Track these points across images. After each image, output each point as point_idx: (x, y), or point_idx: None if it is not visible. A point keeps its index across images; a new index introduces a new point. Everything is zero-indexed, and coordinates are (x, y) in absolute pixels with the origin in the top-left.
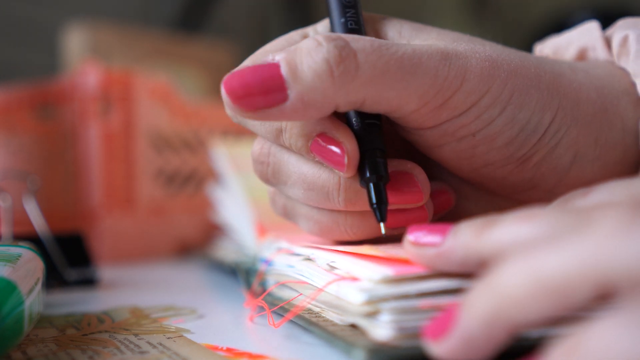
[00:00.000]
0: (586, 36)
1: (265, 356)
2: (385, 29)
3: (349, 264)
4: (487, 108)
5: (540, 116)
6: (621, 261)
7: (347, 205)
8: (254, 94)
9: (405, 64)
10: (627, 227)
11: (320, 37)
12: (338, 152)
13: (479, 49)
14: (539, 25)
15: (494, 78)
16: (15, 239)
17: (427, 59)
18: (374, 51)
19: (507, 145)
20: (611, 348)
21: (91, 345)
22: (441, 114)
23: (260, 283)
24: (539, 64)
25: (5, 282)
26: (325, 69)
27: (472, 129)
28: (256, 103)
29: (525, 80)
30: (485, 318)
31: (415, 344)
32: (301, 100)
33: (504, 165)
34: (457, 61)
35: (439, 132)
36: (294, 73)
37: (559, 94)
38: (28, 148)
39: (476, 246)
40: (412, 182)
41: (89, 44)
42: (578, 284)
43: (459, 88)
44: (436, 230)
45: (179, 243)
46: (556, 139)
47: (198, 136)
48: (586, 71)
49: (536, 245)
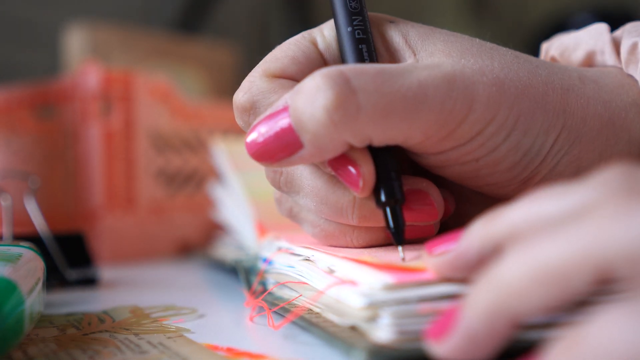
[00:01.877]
0: (594, 39)
1: (265, 356)
2: (391, 34)
3: (349, 269)
4: (492, 136)
5: (544, 139)
6: (619, 245)
7: (361, 222)
8: (275, 152)
9: (409, 102)
10: (624, 212)
11: (319, 78)
12: (354, 173)
13: (487, 68)
14: (539, 26)
15: (501, 105)
16: (16, 238)
17: (433, 92)
18: (376, 90)
19: (510, 169)
20: (613, 341)
21: (92, 345)
22: (445, 144)
23: (260, 282)
24: (548, 79)
25: (5, 282)
26: (325, 117)
27: (475, 155)
28: (278, 157)
29: (531, 102)
30: (486, 312)
31: (415, 346)
32: (313, 146)
33: (506, 185)
34: (463, 90)
35: (443, 158)
36: (299, 124)
37: (565, 113)
38: (28, 148)
39: (490, 234)
40: (427, 200)
41: (89, 44)
42: (577, 270)
43: (465, 119)
44: (449, 238)
45: (180, 243)
46: (558, 158)
47: (198, 136)
48: (596, 82)
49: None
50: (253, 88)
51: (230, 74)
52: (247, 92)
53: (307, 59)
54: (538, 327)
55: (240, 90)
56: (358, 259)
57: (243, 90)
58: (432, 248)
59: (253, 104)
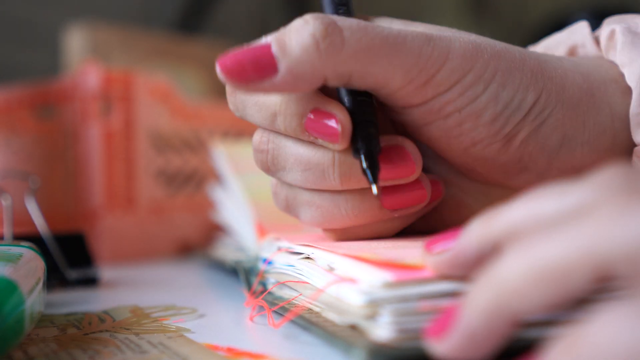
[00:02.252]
0: (575, 34)
1: (266, 356)
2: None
3: (349, 267)
4: (471, 85)
5: (523, 95)
6: (618, 244)
7: (343, 181)
8: (246, 69)
9: (390, 42)
10: (623, 211)
11: (307, 16)
12: (331, 124)
13: (463, 35)
14: (539, 26)
15: (477, 58)
16: (16, 238)
17: (411, 40)
18: (359, 29)
19: (492, 122)
20: (613, 340)
21: (92, 345)
22: (426, 91)
23: (260, 282)
24: (523, 51)
25: (6, 282)
26: (312, 43)
27: (457, 105)
28: (248, 77)
29: (508, 62)
30: (486, 311)
31: (415, 344)
32: (290, 72)
33: (491, 143)
34: (440, 42)
35: (426, 109)
36: (282, 49)
37: (544, 77)
38: (28, 148)
39: (489, 232)
40: (403, 153)
41: (89, 44)
42: (577, 269)
43: (442, 66)
44: (448, 236)
45: (180, 243)
46: (541, 118)
47: (198, 136)
48: (572, 61)
49: (535, 234)
50: None
51: None
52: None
53: None
54: (538, 325)
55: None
56: (358, 256)
57: None
58: (430, 246)
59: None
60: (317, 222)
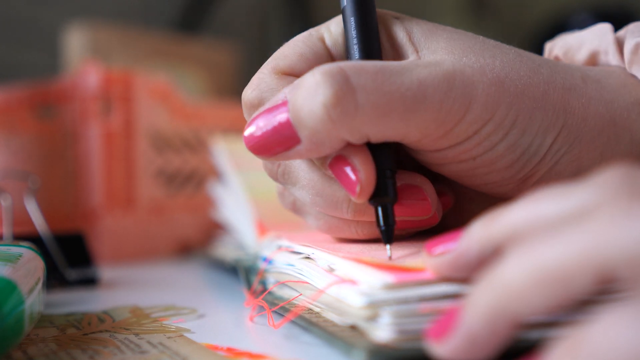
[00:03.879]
0: (598, 39)
1: (266, 356)
2: (396, 30)
3: (350, 268)
4: (489, 135)
5: (542, 138)
6: (620, 247)
7: (356, 217)
8: (271, 145)
9: (408, 102)
10: (625, 214)
11: (318, 75)
12: (352, 178)
13: (489, 66)
14: (539, 25)
15: (499, 104)
16: (16, 238)
17: (432, 92)
18: (375, 88)
19: (507, 168)
20: (615, 342)
21: (92, 345)
22: (443, 142)
23: (260, 282)
24: (550, 78)
25: (5, 282)
26: (323, 113)
27: (472, 154)
28: (275, 151)
29: (531, 102)
30: (487, 313)
31: (416, 345)
32: (310, 141)
33: (504, 184)
34: (462, 89)
35: (440, 155)
36: (298, 119)
37: (566, 112)
38: (28, 148)
39: (490, 235)
40: (421, 195)
41: (89, 44)
42: (579, 271)
43: (462, 119)
44: (449, 238)
45: (179, 243)
46: (558, 156)
47: (198, 136)
48: (598, 81)
49: (536, 237)
50: (262, 85)
51: (230, 74)
52: (256, 89)
53: (314, 56)
54: (539, 327)
55: (249, 87)
56: (358, 258)
57: (252, 86)
58: (431, 248)
59: (261, 100)
60: (324, 232)
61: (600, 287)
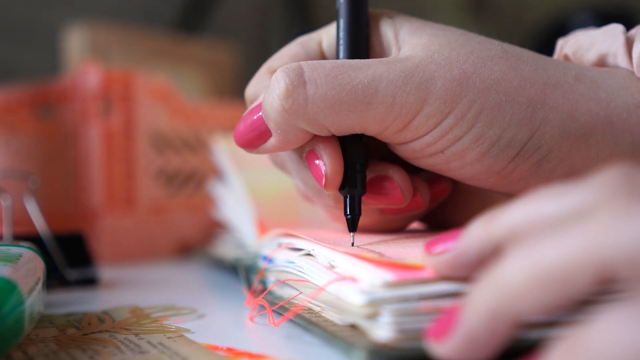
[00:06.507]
0: (609, 40)
1: (266, 356)
2: (385, 29)
3: (350, 265)
4: (451, 128)
5: (515, 131)
6: (620, 246)
7: (337, 205)
8: (251, 139)
9: (359, 95)
10: (624, 213)
11: (278, 72)
12: (321, 171)
13: (458, 62)
14: (539, 25)
15: (460, 98)
16: (16, 238)
17: (386, 86)
18: (326, 82)
19: (479, 161)
20: (615, 342)
21: (91, 345)
22: (405, 135)
23: (260, 281)
24: (530, 74)
25: (5, 282)
26: (278, 105)
27: (438, 147)
28: (255, 144)
29: (499, 96)
30: (487, 313)
31: (416, 345)
32: (277, 133)
33: (485, 178)
34: (418, 84)
35: (409, 149)
36: (265, 113)
37: (545, 107)
38: (28, 148)
39: (489, 234)
40: (392, 186)
41: (89, 44)
42: (578, 271)
43: (419, 112)
44: (449, 237)
45: (179, 243)
46: (541, 153)
47: (198, 136)
48: (595, 81)
49: (536, 236)
50: (258, 83)
51: (230, 74)
52: (253, 87)
53: (307, 57)
54: (539, 326)
55: (249, 85)
56: (359, 254)
57: (251, 84)
58: (431, 247)
59: (257, 97)
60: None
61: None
